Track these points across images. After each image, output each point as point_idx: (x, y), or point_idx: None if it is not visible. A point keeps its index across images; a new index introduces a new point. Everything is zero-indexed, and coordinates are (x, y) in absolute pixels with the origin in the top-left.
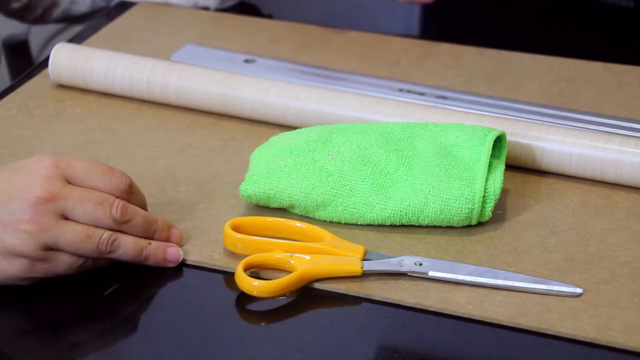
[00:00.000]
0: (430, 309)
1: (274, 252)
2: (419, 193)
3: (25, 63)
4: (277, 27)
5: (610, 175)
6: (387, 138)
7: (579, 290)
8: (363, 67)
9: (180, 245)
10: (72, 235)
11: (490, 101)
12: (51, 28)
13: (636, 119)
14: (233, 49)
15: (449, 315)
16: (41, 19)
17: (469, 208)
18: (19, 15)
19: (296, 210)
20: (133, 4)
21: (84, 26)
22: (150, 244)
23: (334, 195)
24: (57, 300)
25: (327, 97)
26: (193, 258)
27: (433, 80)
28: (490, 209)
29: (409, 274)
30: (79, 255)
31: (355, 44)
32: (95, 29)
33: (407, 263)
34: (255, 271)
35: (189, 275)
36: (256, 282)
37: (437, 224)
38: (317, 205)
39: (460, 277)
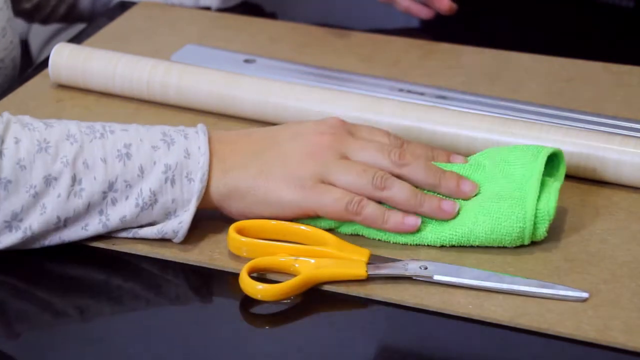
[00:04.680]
0: (431, 309)
1: (278, 256)
2: (469, 214)
3: (25, 63)
4: (277, 27)
5: (610, 175)
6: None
7: (585, 295)
8: (363, 67)
9: (469, 197)
10: (348, 169)
11: (490, 101)
12: (51, 28)
13: (636, 119)
14: (233, 49)
15: (449, 315)
16: (49, 18)
17: (520, 227)
18: (28, 15)
19: (344, 229)
20: (133, 3)
21: (84, 26)
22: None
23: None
24: (59, 300)
25: (327, 97)
26: (193, 258)
27: (433, 80)
28: (544, 228)
29: (414, 277)
30: (351, 191)
31: (355, 44)
32: (95, 29)
33: (412, 267)
34: (259, 274)
35: (191, 276)
36: (260, 286)
37: (488, 245)
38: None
39: (466, 282)
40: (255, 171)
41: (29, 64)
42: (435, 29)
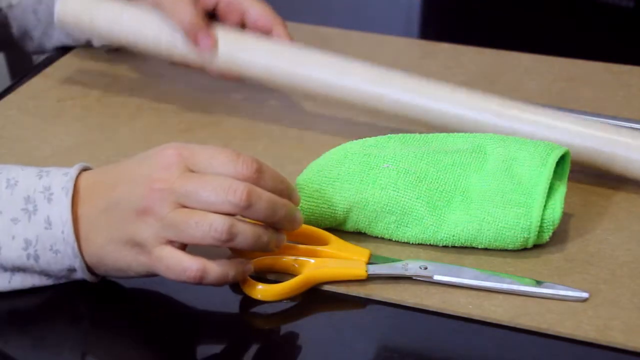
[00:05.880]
0: (431, 309)
1: (278, 256)
2: (473, 219)
3: (26, 63)
4: None
5: (618, 169)
6: (450, 147)
7: (585, 295)
8: None
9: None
10: (185, 224)
11: None
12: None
13: (636, 119)
14: None
15: (449, 315)
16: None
17: (524, 237)
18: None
19: (347, 227)
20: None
21: None
22: (267, 230)
23: (388, 212)
24: (66, 302)
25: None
26: None
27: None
28: (548, 235)
29: (414, 277)
30: (202, 244)
31: (355, 44)
32: None
33: (412, 267)
34: (259, 274)
35: None
36: (260, 286)
37: (490, 248)
38: (369, 221)
39: (466, 282)
40: (102, 240)
41: (29, 64)
42: (436, 29)
